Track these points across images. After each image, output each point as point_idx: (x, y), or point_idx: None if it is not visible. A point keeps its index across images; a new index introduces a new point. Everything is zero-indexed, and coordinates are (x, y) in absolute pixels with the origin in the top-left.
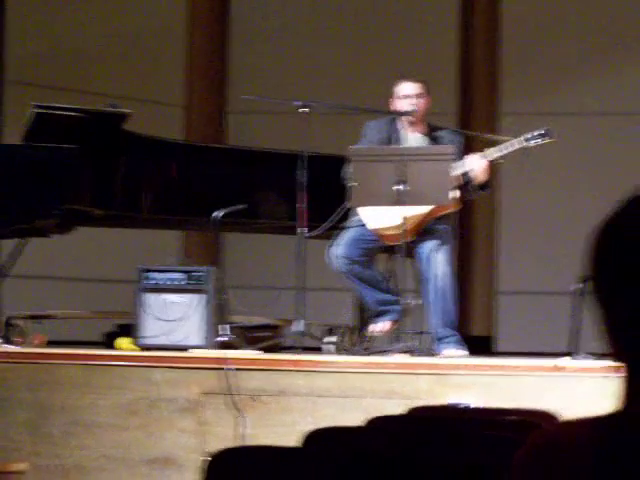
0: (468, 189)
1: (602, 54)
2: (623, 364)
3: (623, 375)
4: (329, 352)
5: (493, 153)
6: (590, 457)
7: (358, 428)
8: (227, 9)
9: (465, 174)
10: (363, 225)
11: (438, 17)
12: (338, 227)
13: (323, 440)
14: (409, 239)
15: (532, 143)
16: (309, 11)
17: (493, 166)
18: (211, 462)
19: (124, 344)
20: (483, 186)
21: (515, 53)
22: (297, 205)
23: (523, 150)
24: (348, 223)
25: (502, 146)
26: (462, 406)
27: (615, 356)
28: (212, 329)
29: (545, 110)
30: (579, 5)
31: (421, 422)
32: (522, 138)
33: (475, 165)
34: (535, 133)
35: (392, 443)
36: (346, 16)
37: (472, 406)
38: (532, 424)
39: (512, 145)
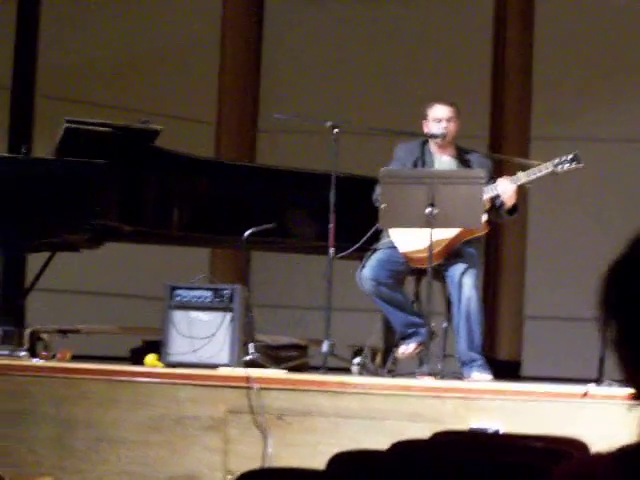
0: (497, 213)
1: (635, 79)
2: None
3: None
4: (355, 373)
5: (522, 177)
6: None
7: (382, 452)
8: (260, 27)
9: (494, 198)
10: (392, 247)
11: (471, 40)
12: (368, 249)
13: (347, 463)
14: (437, 262)
15: (560, 168)
16: (341, 32)
17: (522, 190)
18: None
19: (150, 360)
20: (511, 210)
21: (547, 77)
22: (328, 225)
23: (552, 175)
24: (378, 245)
25: (531, 171)
26: (491, 431)
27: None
28: (238, 347)
29: (576, 135)
30: (611, 29)
31: (446, 447)
32: (551, 163)
33: (505, 189)
34: (564, 158)
35: (416, 468)
36: (379, 36)
37: (501, 431)
38: (559, 451)
39: (541, 170)
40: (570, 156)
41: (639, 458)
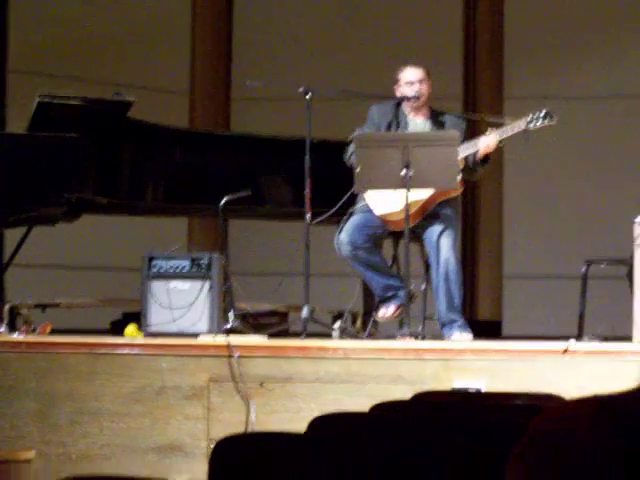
0: (470, 170)
1: (608, 36)
2: None
3: None
4: (336, 338)
5: (494, 135)
6: (592, 436)
7: (363, 414)
8: None
9: (467, 157)
10: (369, 211)
11: (443, 2)
12: (344, 213)
13: (328, 426)
14: (414, 224)
15: (533, 125)
16: None
17: (496, 149)
18: (217, 448)
19: (130, 331)
20: (484, 160)
21: (520, 36)
22: (304, 191)
23: (525, 132)
24: (354, 209)
25: (504, 128)
26: (473, 391)
27: None
28: (218, 315)
29: (550, 93)
30: None
31: (427, 407)
32: (524, 120)
33: (489, 145)
34: (537, 115)
35: (397, 429)
36: (350, 3)
37: (483, 390)
38: (540, 408)
39: (514, 127)
40: (542, 112)
41: (631, 404)
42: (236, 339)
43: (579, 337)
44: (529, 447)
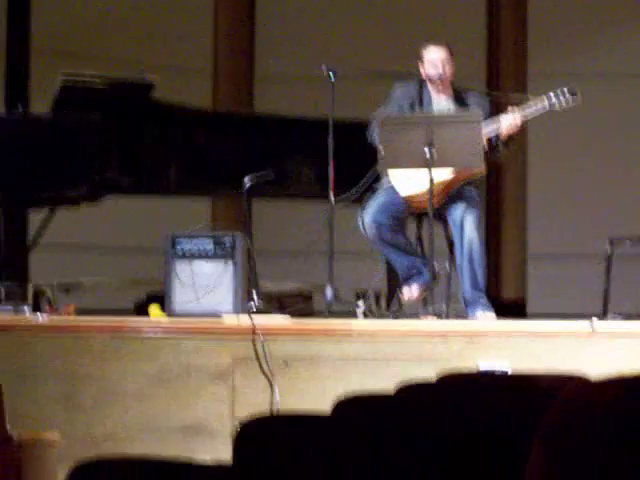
0: (494, 148)
1: (633, 12)
2: None
3: None
4: (360, 317)
5: (520, 113)
6: (617, 417)
7: (388, 394)
8: None
9: (492, 137)
10: (392, 190)
11: None
12: (368, 192)
13: (352, 407)
14: (437, 204)
15: (557, 103)
16: None
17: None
18: (242, 429)
19: (153, 311)
20: (506, 143)
21: (543, 13)
22: (328, 171)
23: (550, 110)
24: (377, 188)
25: (527, 107)
26: (499, 372)
27: None
28: (242, 295)
29: (574, 70)
30: None
31: (452, 389)
32: (548, 97)
33: (511, 123)
34: (561, 92)
35: (422, 409)
36: None
37: (509, 371)
38: (564, 389)
39: (537, 105)
40: (567, 90)
41: None
42: (260, 319)
43: (603, 315)
44: (552, 428)
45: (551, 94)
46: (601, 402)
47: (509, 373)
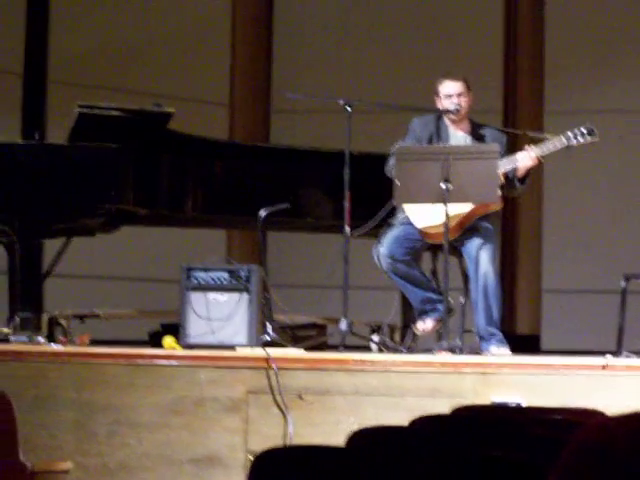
0: (510, 186)
1: None
2: None
3: None
4: (374, 351)
5: (536, 151)
6: (633, 453)
7: (402, 427)
8: (271, 8)
9: (508, 172)
10: (408, 223)
11: (483, 14)
12: (384, 225)
13: (367, 439)
14: (453, 237)
15: (576, 141)
16: (352, 10)
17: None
18: (256, 461)
19: (168, 342)
20: (523, 180)
21: (560, 50)
22: (343, 204)
23: (566, 148)
24: (393, 221)
25: (544, 144)
26: (512, 405)
27: None
28: (256, 328)
29: (590, 108)
30: (623, 1)
31: (466, 421)
32: (565, 136)
33: (527, 161)
34: (578, 131)
35: (436, 442)
36: (390, 14)
37: (522, 404)
38: (579, 423)
39: (555, 143)
40: (584, 129)
41: None
42: (274, 351)
43: (617, 352)
44: (569, 462)
45: (569, 133)
46: (621, 440)
47: (522, 406)
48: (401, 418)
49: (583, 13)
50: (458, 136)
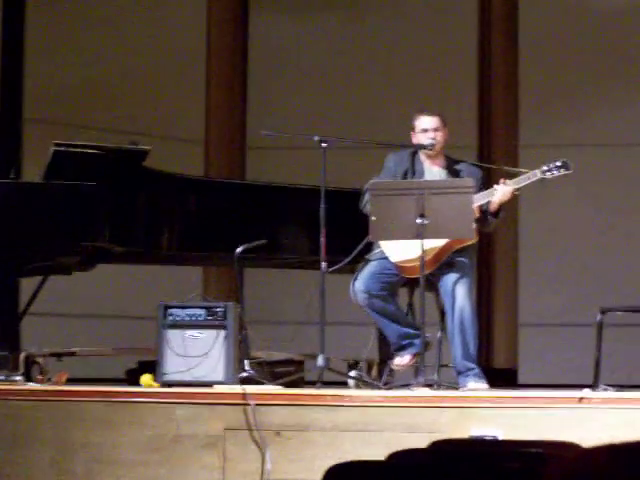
0: (484, 221)
1: (621, 85)
2: None
3: None
4: (351, 386)
5: (511, 184)
6: None
7: (380, 462)
8: (245, 44)
9: (483, 206)
10: (384, 259)
11: (457, 51)
12: (360, 261)
13: (344, 475)
14: (429, 272)
15: (549, 175)
16: (327, 45)
17: (511, 197)
18: None
19: (145, 380)
20: (496, 213)
21: (534, 85)
22: (319, 240)
23: (541, 182)
24: (369, 257)
25: (520, 178)
26: (489, 438)
27: None
28: (234, 364)
29: (565, 142)
30: (598, 37)
31: (444, 455)
32: (540, 170)
33: (503, 195)
34: (552, 165)
35: (414, 477)
36: (364, 52)
37: (500, 438)
38: (556, 456)
39: (529, 177)
40: (558, 162)
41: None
42: (251, 388)
43: (595, 386)
44: None
45: (544, 167)
46: (595, 468)
47: (499, 438)
48: (379, 453)
49: (557, 46)
50: (433, 171)
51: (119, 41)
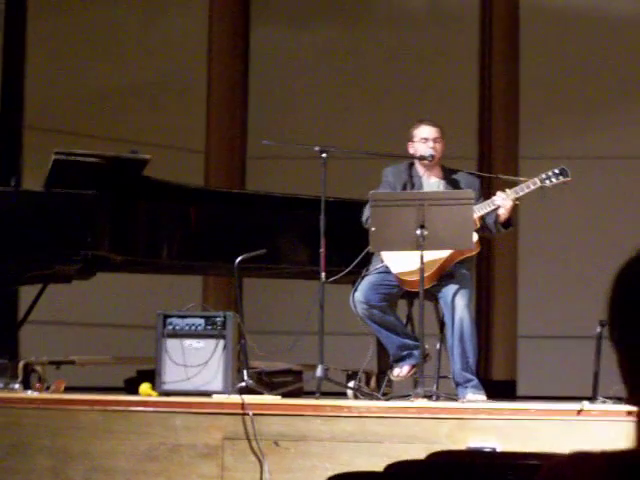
0: (490, 228)
1: (622, 98)
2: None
3: (636, 418)
4: (350, 397)
5: (510, 194)
6: None
7: (378, 473)
8: (247, 57)
9: (485, 215)
10: (384, 269)
11: (457, 62)
12: (360, 272)
13: None
14: (430, 284)
15: (548, 183)
16: (327, 56)
17: (512, 207)
18: None
19: (144, 390)
20: (506, 224)
21: (535, 97)
22: (319, 250)
23: (540, 190)
24: (369, 268)
25: (519, 187)
26: (488, 449)
27: (630, 399)
28: (232, 374)
29: (565, 154)
30: (600, 49)
31: (442, 467)
32: (539, 178)
33: (504, 204)
34: (551, 172)
35: None
36: (364, 62)
37: (498, 450)
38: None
39: (529, 185)
40: (557, 170)
41: (630, 462)
42: (250, 398)
43: (593, 398)
44: None
45: (542, 175)
46: (586, 473)
47: (497, 450)
48: (377, 464)
49: (557, 58)
50: (431, 183)
51: (120, 51)
